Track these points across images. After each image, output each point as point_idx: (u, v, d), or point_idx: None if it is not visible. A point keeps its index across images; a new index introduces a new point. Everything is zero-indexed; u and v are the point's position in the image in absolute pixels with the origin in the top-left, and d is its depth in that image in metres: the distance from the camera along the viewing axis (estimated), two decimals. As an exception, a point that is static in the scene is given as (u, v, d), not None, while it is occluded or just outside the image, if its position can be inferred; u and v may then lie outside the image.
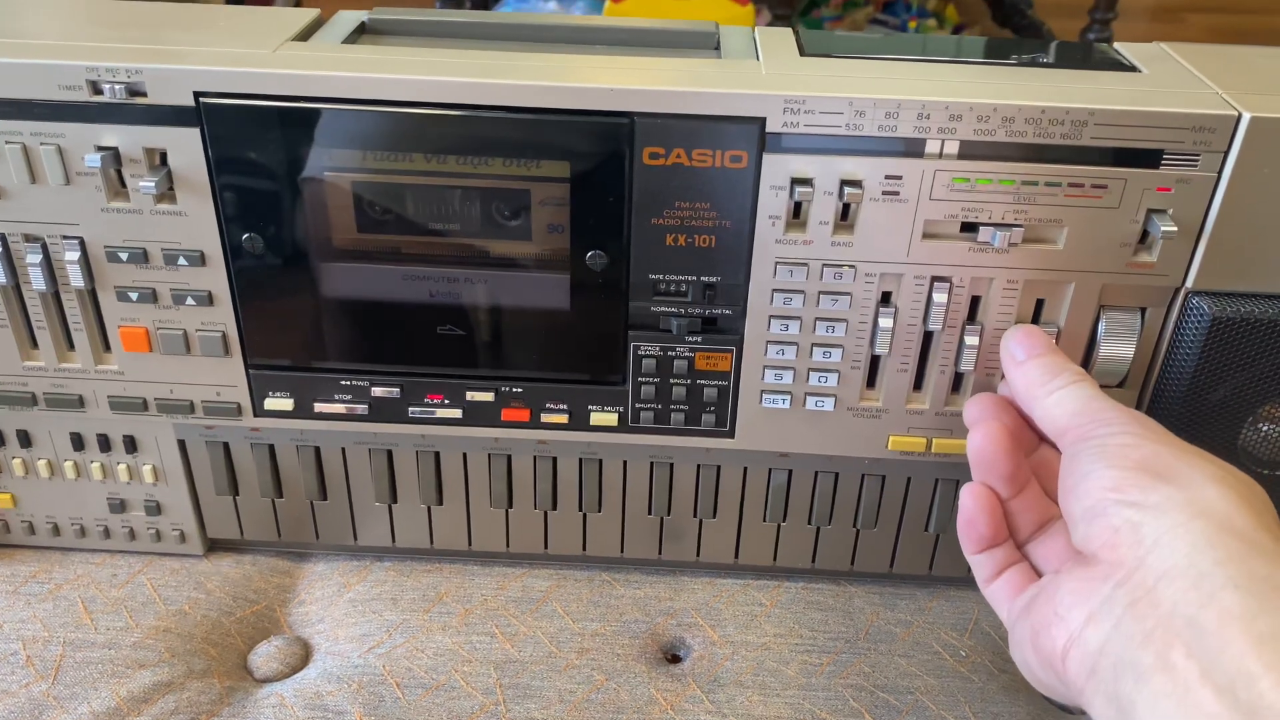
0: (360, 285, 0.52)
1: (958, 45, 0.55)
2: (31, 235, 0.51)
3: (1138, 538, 0.36)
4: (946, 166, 0.48)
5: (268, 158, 0.49)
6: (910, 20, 2.41)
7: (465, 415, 0.56)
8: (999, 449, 0.46)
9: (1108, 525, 0.37)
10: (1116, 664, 0.35)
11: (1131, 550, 0.36)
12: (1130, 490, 0.37)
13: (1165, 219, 0.48)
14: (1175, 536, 0.35)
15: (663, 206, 0.50)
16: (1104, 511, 0.38)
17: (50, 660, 0.56)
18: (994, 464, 0.46)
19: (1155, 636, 0.34)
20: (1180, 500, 0.36)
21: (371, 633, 0.59)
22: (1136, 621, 0.35)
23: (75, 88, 0.48)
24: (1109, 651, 0.36)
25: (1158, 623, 0.34)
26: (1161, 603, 0.34)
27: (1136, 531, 0.36)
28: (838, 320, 0.52)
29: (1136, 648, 0.34)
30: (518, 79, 0.47)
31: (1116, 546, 0.37)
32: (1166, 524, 0.36)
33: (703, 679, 0.56)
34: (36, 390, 0.56)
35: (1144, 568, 0.35)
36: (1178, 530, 0.35)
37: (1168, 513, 0.36)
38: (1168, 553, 0.35)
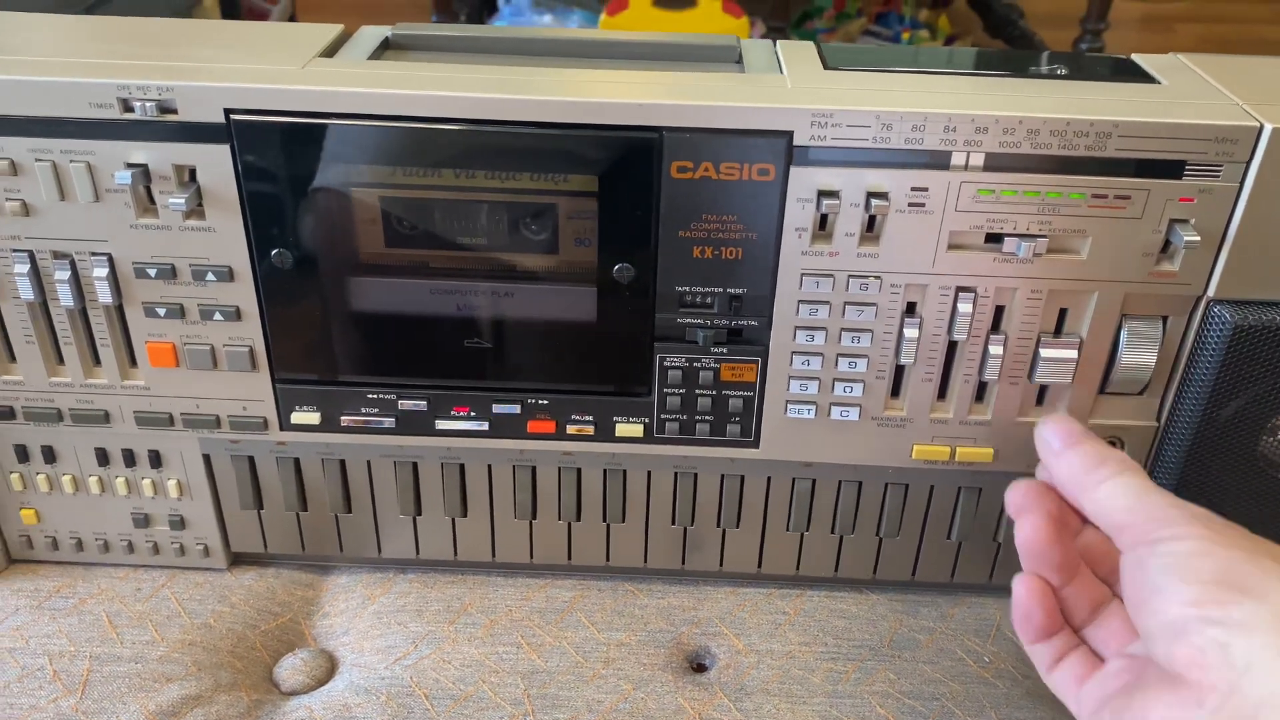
0: (388, 299, 0.53)
1: (978, 58, 0.55)
2: (60, 252, 0.52)
3: (1227, 660, 0.36)
4: (972, 178, 0.48)
5: (297, 173, 0.49)
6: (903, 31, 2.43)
7: (491, 427, 0.56)
8: (1047, 540, 0.45)
9: (1192, 645, 0.37)
10: None
11: (1222, 673, 0.36)
12: (1210, 606, 0.37)
13: (1188, 229, 0.49)
14: (1268, 658, 0.35)
15: (690, 219, 0.50)
16: (1186, 629, 0.37)
17: (77, 674, 0.56)
18: (1044, 555, 0.45)
19: None
20: (1266, 616, 0.36)
21: (397, 644, 0.59)
22: None
23: (106, 105, 0.48)
24: None
25: None
26: None
27: (1225, 652, 0.36)
28: (863, 331, 0.52)
29: None
30: (546, 94, 0.48)
31: (1205, 668, 0.36)
32: (1257, 644, 0.35)
33: (730, 687, 0.57)
34: (62, 406, 0.56)
35: (1239, 694, 0.35)
36: (1268, 651, 0.35)
37: (1255, 632, 0.36)
38: (1262, 676, 0.35)
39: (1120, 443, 0.55)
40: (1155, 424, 0.55)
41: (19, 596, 0.61)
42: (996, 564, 0.61)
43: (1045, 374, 0.53)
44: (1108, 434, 0.55)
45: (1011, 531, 0.47)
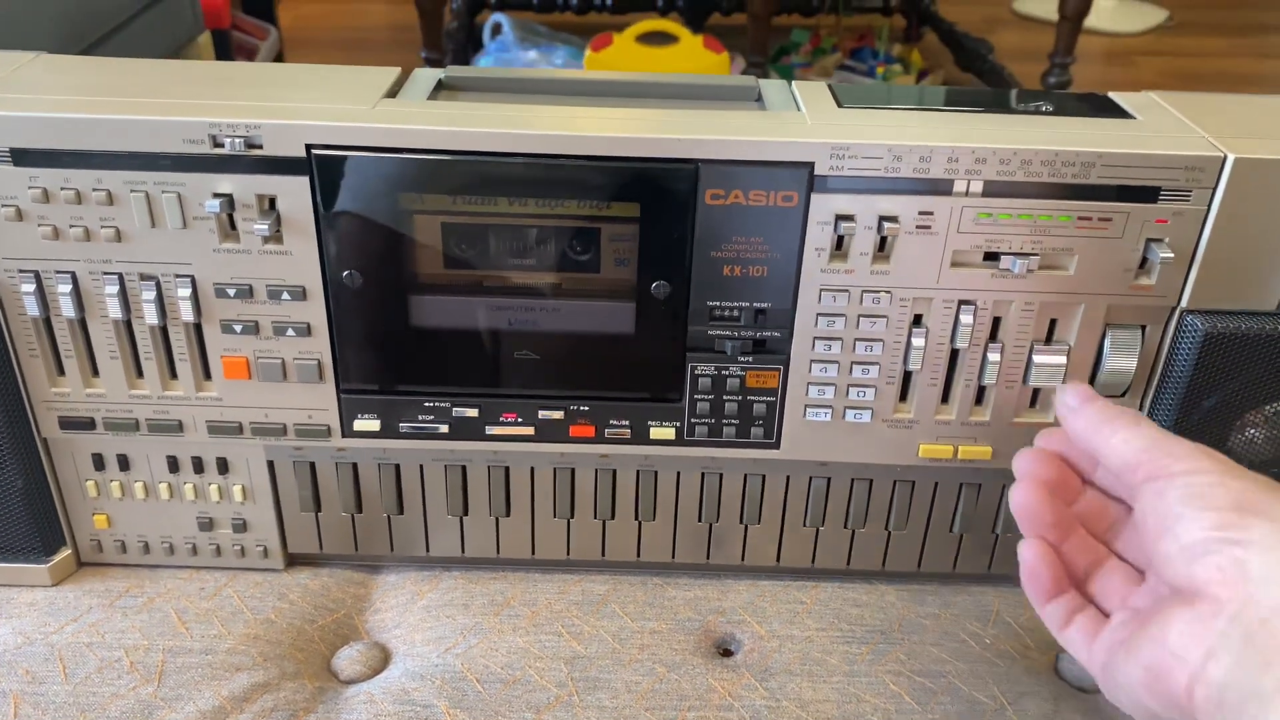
0: (445, 315, 0.58)
1: (972, 97, 0.62)
2: (147, 274, 0.57)
3: (1244, 573, 0.39)
4: (972, 203, 0.55)
5: (367, 202, 0.55)
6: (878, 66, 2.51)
7: (536, 432, 0.61)
8: (1035, 502, 0.50)
9: (1212, 564, 0.40)
10: (1242, 695, 0.38)
11: (1239, 586, 0.39)
12: (1230, 529, 0.40)
13: (1163, 247, 0.55)
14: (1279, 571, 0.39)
15: (721, 241, 0.56)
16: (1207, 550, 0.40)
17: (153, 665, 0.60)
18: (1037, 516, 0.50)
19: (1274, 664, 0.37)
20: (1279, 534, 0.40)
21: (447, 635, 0.64)
22: (1255, 653, 0.38)
23: (198, 141, 0.53)
24: (1232, 685, 0.38)
25: (1275, 652, 0.38)
26: (1277, 633, 0.38)
27: (1242, 567, 0.39)
28: (875, 340, 0.58)
29: (1259, 676, 0.38)
30: (593, 131, 0.54)
31: (1224, 583, 0.39)
32: (1272, 559, 0.39)
33: (755, 669, 0.62)
34: (140, 416, 0.61)
35: (1254, 603, 0.38)
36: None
37: (1270, 549, 0.40)
38: (1275, 587, 0.39)
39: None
40: (1136, 423, 0.61)
41: (91, 596, 0.65)
42: (995, 555, 0.67)
43: (1038, 378, 0.59)
44: (1094, 433, 0.61)
45: (1007, 522, 0.52)
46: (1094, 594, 0.50)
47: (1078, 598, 0.50)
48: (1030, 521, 0.50)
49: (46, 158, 0.54)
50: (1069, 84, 2.14)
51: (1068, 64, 2.12)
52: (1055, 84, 2.13)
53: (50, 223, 0.55)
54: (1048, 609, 0.50)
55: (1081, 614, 0.49)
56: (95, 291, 0.57)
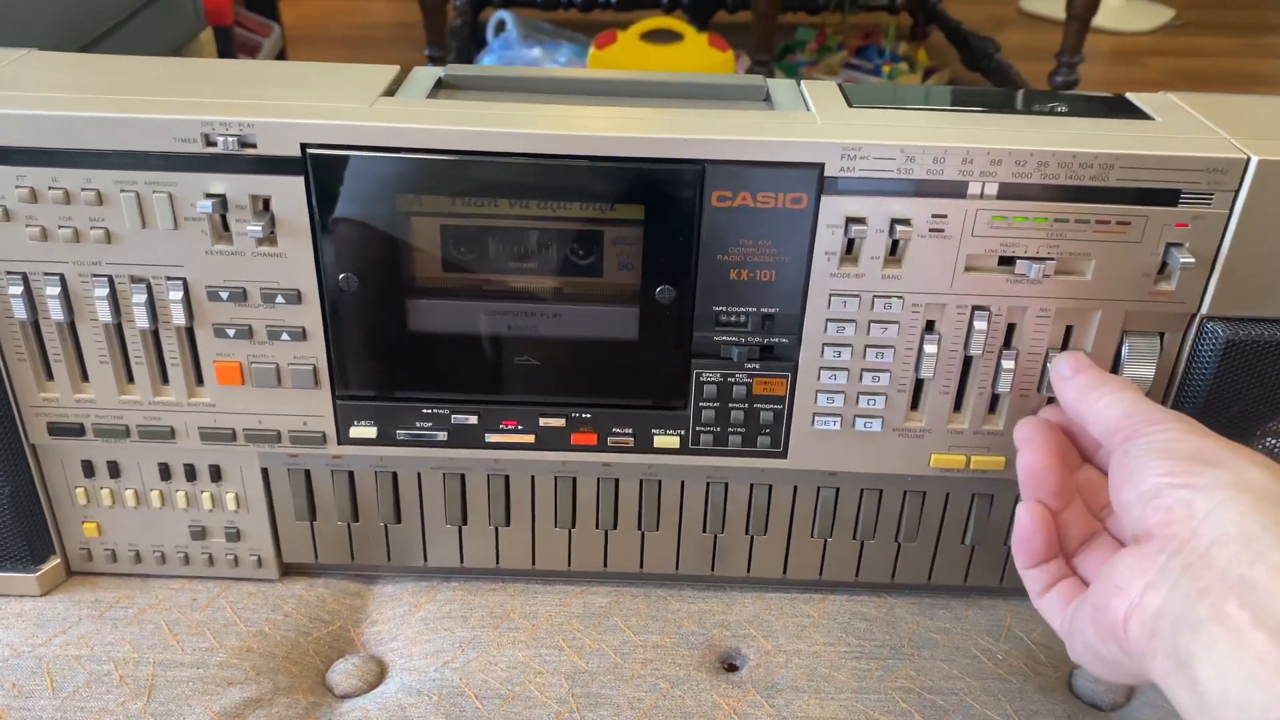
0: (444, 320, 0.56)
1: (986, 97, 0.60)
2: (138, 277, 0.55)
3: (1190, 512, 0.41)
4: (987, 206, 0.53)
5: (364, 203, 0.53)
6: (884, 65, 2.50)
7: (537, 440, 0.60)
8: (1046, 466, 0.50)
9: (1162, 505, 0.42)
10: (1175, 621, 0.39)
11: (1185, 524, 0.41)
12: (1182, 475, 0.42)
13: (1183, 251, 0.53)
14: (1225, 508, 0.40)
15: (728, 244, 0.54)
16: (1158, 494, 0.42)
17: (143, 680, 0.59)
18: (1042, 480, 0.50)
19: (1210, 591, 0.38)
20: (1228, 479, 0.41)
21: (445, 649, 0.62)
22: (1192, 581, 0.39)
23: (190, 140, 0.52)
24: (1167, 611, 0.40)
25: (1212, 580, 0.38)
26: (1215, 563, 0.39)
27: (1189, 507, 0.41)
28: (886, 347, 0.57)
29: (1193, 603, 0.38)
30: (596, 131, 0.52)
31: (1171, 523, 0.41)
32: (1217, 498, 0.40)
33: (761, 685, 0.60)
34: (130, 423, 0.59)
35: (1197, 536, 0.40)
36: (1227, 503, 0.40)
37: (1217, 490, 0.41)
38: (1218, 521, 0.40)
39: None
40: (1154, 432, 0.59)
41: (81, 607, 0.63)
42: (1007, 568, 0.65)
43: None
44: (1110, 442, 0.59)
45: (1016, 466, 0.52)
46: (1079, 567, 0.51)
47: (1063, 566, 0.51)
48: (1034, 485, 0.51)
49: (34, 156, 0.52)
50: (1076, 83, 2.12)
51: (1075, 63, 2.10)
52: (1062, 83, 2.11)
53: (38, 223, 0.54)
54: (1032, 573, 0.51)
55: (1064, 583, 0.50)
56: (84, 294, 0.56)
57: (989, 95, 0.60)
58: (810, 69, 2.48)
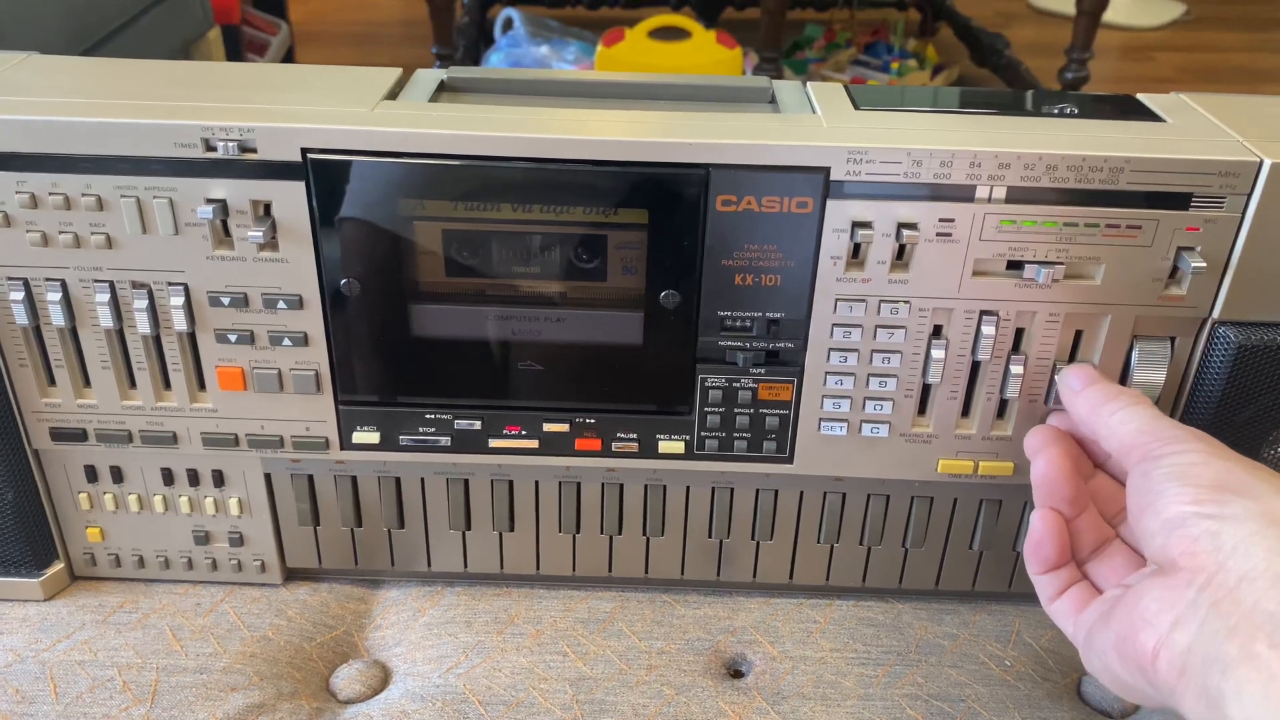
0: (447, 325, 0.56)
1: (994, 98, 0.59)
2: (139, 282, 0.55)
3: (1216, 545, 0.40)
4: (995, 210, 0.52)
5: (366, 208, 0.53)
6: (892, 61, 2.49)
7: (541, 445, 0.59)
8: (1061, 474, 0.50)
9: (1187, 535, 0.41)
10: (1204, 660, 0.38)
11: (1211, 556, 0.40)
12: (1208, 504, 0.41)
13: (1194, 256, 0.53)
14: (1253, 542, 0.39)
15: (733, 249, 0.54)
16: (1183, 523, 0.41)
17: (146, 685, 0.59)
18: (1057, 488, 0.50)
19: (1239, 631, 0.37)
20: (1255, 510, 0.40)
21: (448, 654, 0.62)
22: (1221, 619, 0.38)
23: (190, 145, 0.51)
24: (1196, 649, 0.39)
25: (1241, 619, 0.37)
26: (1243, 601, 0.38)
27: (1215, 539, 0.40)
28: (893, 352, 0.56)
29: (1222, 643, 0.38)
30: (600, 134, 0.51)
31: (1196, 554, 0.40)
32: (1244, 531, 0.39)
33: (767, 691, 0.60)
34: (133, 428, 0.59)
35: (1224, 570, 0.39)
36: (1255, 537, 0.39)
37: (1244, 522, 0.40)
38: (1245, 557, 0.39)
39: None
40: (1165, 437, 0.58)
41: (84, 612, 0.63)
42: (1015, 573, 0.65)
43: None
44: (1120, 448, 0.59)
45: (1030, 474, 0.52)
46: (1092, 573, 0.50)
47: (1074, 571, 0.50)
48: (1048, 492, 0.51)
49: (34, 162, 0.52)
50: (1086, 80, 2.11)
51: (1085, 59, 2.09)
52: (1072, 79, 2.09)
53: (39, 229, 0.53)
54: (1044, 578, 0.51)
55: (1075, 588, 0.50)
56: (86, 300, 0.55)
57: (997, 96, 0.60)
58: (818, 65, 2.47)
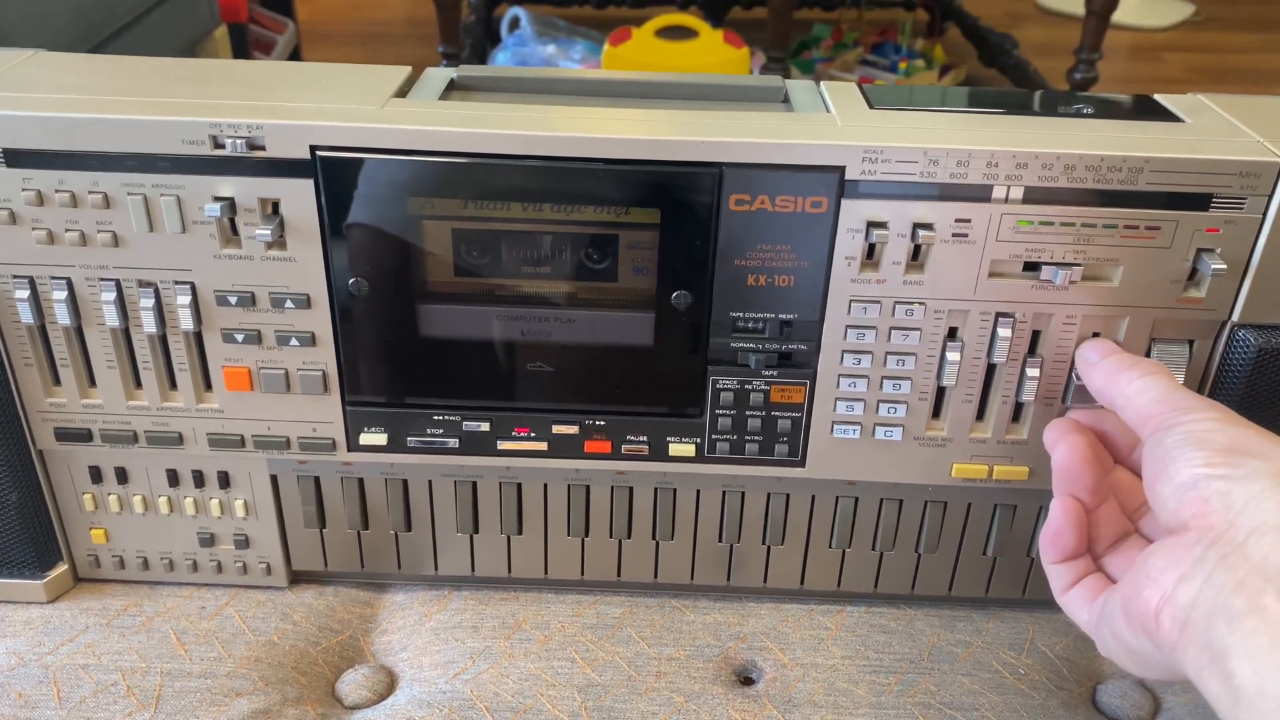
0: (456, 325, 0.55)
1: (1009, 98, 0.58)
2: (145, 281, 0.54)
3: (1227, 503, 0.39)
4: (1012, 210, 0.51)
5: (375, 206, 0.52)
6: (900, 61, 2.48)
7: (550, 448, 0.59)
8: (1082, 461, 0.50)
9: (1199, 496, 0.40)
10: (1209, 613, 0.38)
11: (1221, 515, 0.39)
12: (1220, 466, 0.41)
13: (1214, 257, 0.52)
14: (1263, 498, 0.39)
15: (746, 249, 0.53)
16: (1195, 485, 0.41)
17: (150, 690, 0.58)
18: (1078, 476, 0.50)
19: (1247, 584, 0.37)
20: (1266, 470, 0.40)
21: (455, 659, 0.61)
22: (1228, 572, 0.38)
23: (198, 143, 0.51)
24: (1201, 603, 0.38)
25: (1249, 571, 0.37)
26: (1252, 555, 0.37)
27: (1226, 498, 0.40)
28: (907, 354, 0.55)
29: (1229, 595, 0.37)
30: (612, 133, 0.51)
31: (1207, 514, 0.40)
32: (1255, 489, 0.39)
33: (778, 699, 0.59)
34: (138, 428, 0.59)
35: (1234, 528, 0.39)
36: (1265, 494, 0.39)
37: (1256, 480, 0.39)
38: (1256, 512, 0.38)
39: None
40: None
41: (88, 615, 0.63)
42: (1030, 579, 0.64)
43: (1079, 396, 0.55)
44: (1137, 452, 0.58)
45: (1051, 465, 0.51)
46: (1108, 565, 0.50)
47: (1089, 563, 0.50)
48: (1069, 480, 0.50)
49: (41, 159, 0.51)
50: (1095, 80, 2.09)
51: (1094, 60, 2.07)
52: (1081, 80, 2.08)
53: (45, 226, 0.53)
54: (1057, 568, 0.50)
55: (1089, 579, 0.49)
56: (92, 298, 0.55)
57: (1013, 96, 0.59)
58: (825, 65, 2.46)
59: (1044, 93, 0.59)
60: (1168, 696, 0.61)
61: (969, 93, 0.62)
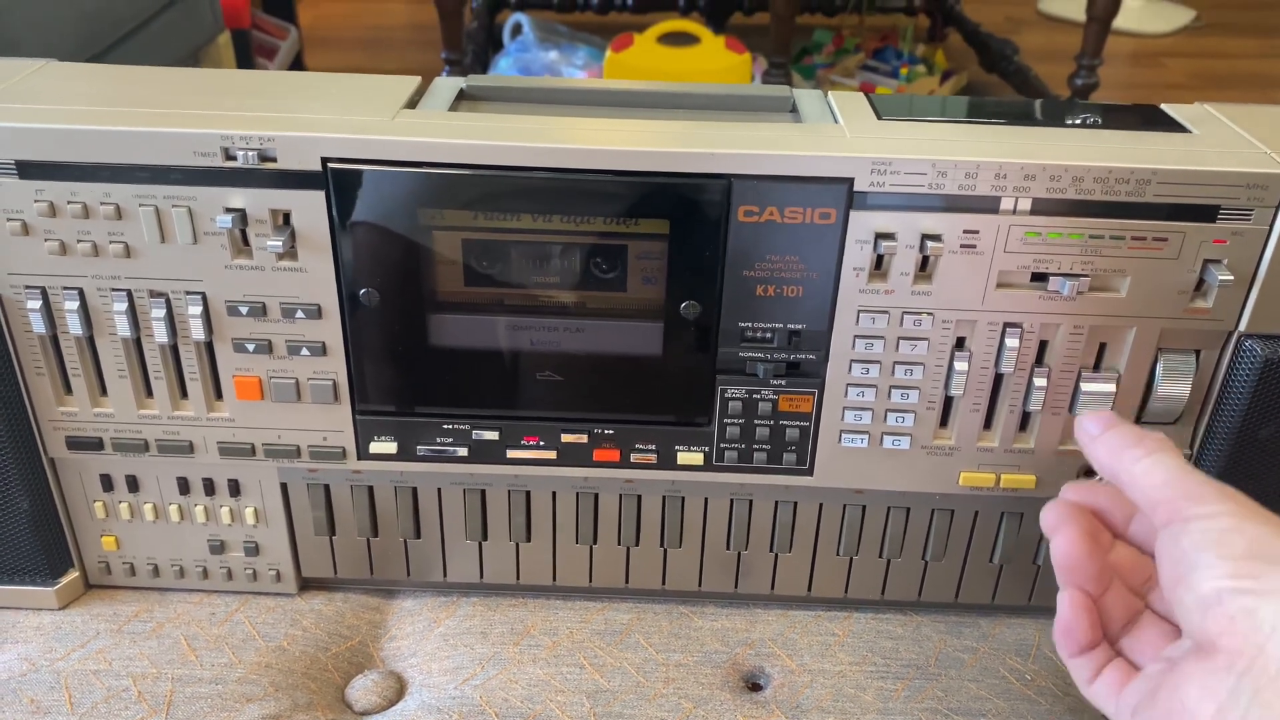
0: (466, 335, 0.56)
1: (1016, 109, 0.59)
2: (157, 291, 0.55)
3: (1255, 624, 0.38)
4: (1020, 221, 0.52)
5: (385, 217, 0.52)
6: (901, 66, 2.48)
7: (559, 456, 0.59)
8: (1081, 553, 0.48)
9: (1224, 614, 0.39)
10: None
11: (1250, 638, 0.38)
12: (1244, 578, 0.39)
13: (1221, 268, 0.52)
14: None
15: (754, 260, 0.53)
16: (1219, 600, 0.39)
17: (161, 696, 0.58)
18: (1080, 568, 0.48)
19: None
20: None
21: (464, 665, 0.61)
22: (1264, 709, 0.37)
23: (210, 154, 0.51)
24: None
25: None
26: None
27: (1253, 617, 0.38)
28: (915, 364, 0.56)
29: None
30: (623, 144, 0.51)
31: (1235, 634, 0.39)
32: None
33: (786, 705, 0.59)
34: (149, 437, 0.59)
35: (1265, 655, 0.37)
36: None
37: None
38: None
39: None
40: (1189, 452, 0.58)
41: (99, 621, 0.63)
42: (1036, 586, 0.64)
43: (1086, 406, 0.56)
44: (1143, 461, 0.58)
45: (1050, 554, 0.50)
46: (1127, 649, 0.48)
47: (1108, 651, 0.48)
48: (1072, 572, 0.48)
49: (53, 170, 0.52)
50: (1096, 86, 2.10)
51: (1095, 65, 2.08)
52: (1082, 86, 2.09)
53: (57, 237, 0.53)
54: (1078, 661, 0.48)
55: (1111, 666, 0.48)
56: (103, 308, 0.55)
57: (1020, 107, 0.59)
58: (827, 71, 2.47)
59: (1051, 103, 0.59)
60: (1174, 704, 0.61)
61: (977, 104, 0.62)
